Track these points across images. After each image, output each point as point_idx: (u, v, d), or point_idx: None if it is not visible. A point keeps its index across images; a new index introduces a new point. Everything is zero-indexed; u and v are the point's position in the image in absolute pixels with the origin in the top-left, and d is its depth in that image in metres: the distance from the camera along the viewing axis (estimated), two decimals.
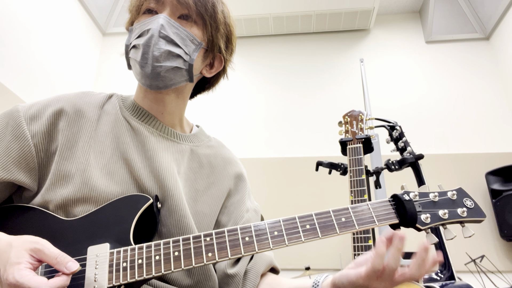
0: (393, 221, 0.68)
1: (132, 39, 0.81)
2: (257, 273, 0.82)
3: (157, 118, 0.86)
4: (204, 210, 0.85)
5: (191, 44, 0.82)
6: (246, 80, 3.54)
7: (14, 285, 0.56)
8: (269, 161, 3.14)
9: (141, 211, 0.70)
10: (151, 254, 0.64)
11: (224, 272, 0.82)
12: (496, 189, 2.65)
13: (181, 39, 0.80)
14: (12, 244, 0.61)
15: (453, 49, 3.44)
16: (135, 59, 0.78)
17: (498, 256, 2.59)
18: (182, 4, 0.81)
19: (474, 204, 0.71)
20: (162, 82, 0.80)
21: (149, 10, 0.82)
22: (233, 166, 0.95)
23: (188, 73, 0.83)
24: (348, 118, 1.42)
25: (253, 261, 0.84)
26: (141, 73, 0.79)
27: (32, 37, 2.82)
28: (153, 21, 0.78)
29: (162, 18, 0.78)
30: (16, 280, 0.56)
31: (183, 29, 0.81)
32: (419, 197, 0.70)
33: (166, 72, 0.79)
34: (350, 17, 3.48)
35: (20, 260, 0.58)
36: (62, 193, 0.71)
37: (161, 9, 0.81)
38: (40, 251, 0.60)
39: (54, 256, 0.60)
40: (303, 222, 0.66)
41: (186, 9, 0.81)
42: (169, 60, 0.79)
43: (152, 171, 0.78)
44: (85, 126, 0.78)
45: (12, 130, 0.74)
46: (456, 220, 0.69)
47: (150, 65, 0.77)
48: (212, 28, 0.84)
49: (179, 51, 0.80)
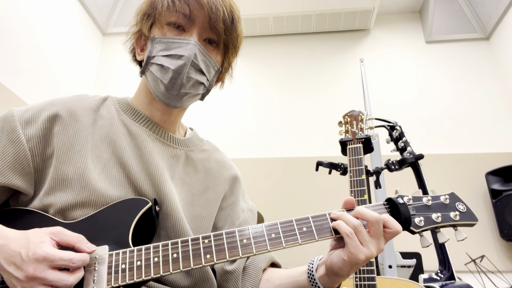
0: None
1: (157, 53, 0.79)
2: (258, 269, 0.83)
3: (157, 124, 0.86)
4: (202, 214, 0.85)
5: (213, 71, 0.84)
6: (246, 80, 3.54)
7: (44, 257, 0.56)
8: (269, 161, 3.13)
9: (140, 214, 0.71)
10: (150, 256, 0.64)
11: (223, 269, 0.83)
12: (496, 189, 2.65)
13: (206, 66, 0.82)
14: (28, 232, 0.62)
15: (453, 49, 3.43)
16: (161, 79, 0.78)
17: (498, 256, 2.59)
18: (213, 28, 0.80)
19: (466, 208, 0.72)
20: (180, 104, 0.83)
21: (177, 25, 0.80)
22: (227, 169, 0.96)
23: (203, 96, 0.87)
24: (348, 118, 1.42)
25: (252, 257, 0.84)
26: (164, 94, 0.80)
27: (32, 37, 2.82)
28: (186, 47, 0.77)
29: (195, 45, 0.77)
30: (46, 252, 0.56)
31: (210, 56, 0.82)
32: (413, 201, 0.72)
33: (188, 97, 0.82)
34: (350, 17, 3.48)
35: (43, 239, 0.59)
36: (61, 197, 0.71)
37: (190, 27, 0.79)
38: (60, 233, 0.62)
39: (76, 235, 0.62)
40: (300, 225, 0.67)
41: (215, 35, 0.81)
42: (194, 88, 0.81)
43: (149, 175, 0.78)
44: (80, 130, 0.78)
45: (7, 135, 0.74)
46: (449, 224, 0.71)
47: (177, 90, 0.78)
48: (232, 54, 0.87)
49: (204, 79, 0.82)
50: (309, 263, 0.73)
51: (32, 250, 0.57)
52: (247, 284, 0.81)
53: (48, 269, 0.56)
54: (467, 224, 0.71)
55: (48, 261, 0.56)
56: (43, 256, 0.56)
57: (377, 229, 0.64)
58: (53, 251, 0.57)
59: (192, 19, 0.79)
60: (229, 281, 0.81)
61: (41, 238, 0.59)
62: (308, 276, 0.71)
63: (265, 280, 0.82)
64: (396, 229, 0.65)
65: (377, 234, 0.64)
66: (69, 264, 0.58)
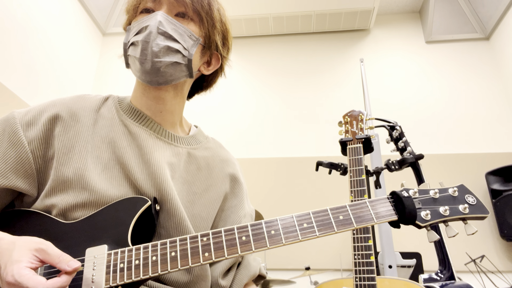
0: (392, 218, 0.67)
1: (130, 37, 0.81)
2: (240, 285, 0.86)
3: (156, 119, 0.86)
4: (201, 214, 0.85)
5: (189, 40, 0.82)
6: (246, 80, 3.54)
7: (13, 284, 0.56)
8: (269, 161, 3.13)
9: (139, 213, 0.70)
10: (148, 255, 0.63)
11: (216, 282, 0.84)
12: (496, 189, 2.65)
13: (179, 34, 0.81)
14: (16, 243, 0.61)
15: (453, 49, 3.43)
16: (134, 56, 0.79)
17: (498, 256, 2.59)
18: (179, 2, 0.82)
19: (476, 200, 0.69)
20: (162, 78, 0.81)
21: (147, 10, 0.82)
22: (229, 166, 0.95)
23: (188, 69, 0.83)
24: (348, 118, 1.42)
25: (238, 273, 0.88)
26: (140, 70, 0.79)
27: (32, 37, 2.82)
28: (151, 18, 0.79)
29: (159, 15, 0.79)
30: (15, 279, 0.56)
31: (181, 25, 0.81)
32: (419, 194, 0.69)
33: (166, 68, 0.79)
34: (350, 17, 3.48)
35: (21, 258, 0.58)
36: (62, 198, 0.71)
37: (158, 7, 0.82)
38: (44, 251, 0.60)
39: (57, 255, 0.61)
40: (301, 221, 0.66)
41: (183, 7, 0.82)
42: (169, 55, 0.79)
43: (150, 174, 0.78)
44: (81, 131, 0.78)
45: (9, 137, 0.74)
46: (457, 217, 0.67)
47: (150, 61, 0.77)
48: (209, 24, 0.85)
49: (178, 46, 0.80)
50: None
51: (6, 272, 0.57)
52: None
53: None
54: (478, 217, 0.68)
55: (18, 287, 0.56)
56: (12, 282, 0.56)
57: None
58: (23, 278, 0.56)
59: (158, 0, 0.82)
60: None
61: (20, 257, 0.58)
62: None
63: None
64: None
65: None
66: None
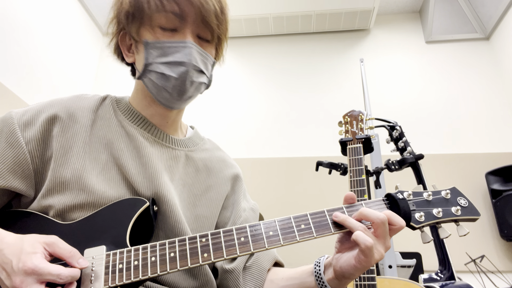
0: None
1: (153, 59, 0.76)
2: (262, 269, 0.82)
3: (154, 121, 0.86)
4: (205, 214, 0.85)
5: (210, 67, 0.83)
6: (246, 80, 3.54)
7: (32, 270, 0.56)
8: (269, 161, 3.13)
9: (137, 214, 0.70)
10: (147, 256, 0.63)
11: (222, 268, 0.83)
12: (496, 189, 2.64)
13: (205, 64, 0.80)
14: (23, 238, 0.61)
15: (453, 49, 3.43)
16: (164, 88, 0.77)
17: (498, 256, 2.58)
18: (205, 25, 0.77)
19: (468, 202, 0.71)
20: (184, 105, 0.84)
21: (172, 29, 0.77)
22: (229, 168, 0.95)
23: (205, 89, 0.86)
24: (348, 118, 1.42)
25: (254, 257, 0.84)
26: (168, 100, 0.80)
27: (32, 37, 2.82)
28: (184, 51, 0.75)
29: (192, 48, 0.76)
30: (35, 265, 0.56)
31: (206, 54, 0.80)
32: (413, 196, 0.71)
33: (192, 98, 0.83)
34: (350, 17, 3.48)
35: (36, 250, 0.59)
36: (60, 199, 0.71)
37: (182, 26, 0.76)
38: (55, 244, 0.61)
39: (69, 250, 0.61)
40: (298, 222, 0.66)
41: (209, 32, 0.79)
42: (198, 89, 0.82)
43: (147, 177, 0.77)
44: (79, 132, 0.78)
45: (6, 138, 0.73)
46: (450, 219, 0.69)
47: (182, 96, 0.79)
48: (223, 44, 0.86)
49: (204, 78, 0.81)
50: (315, 264, 0.72)
51: (23, 261, 0.56)
52: (249, 284, 0.80)
53: (35, 283, 0.55)
54: (469, 219, 0.70)
55: (37, 274, 0.56)
56: (31, 268, 0.56)
57: (383, 230, 0.63)
58: (43, 264, 0.57)
59: (184, 17, 0.75)
60: (229, 280, 0.81)
61: (34, 248, 0.59)
62: (316, 279, 0.70)
63: (269, 281, 0.81)
64: (400, 225, 0.64)
65: (383, 234, 0.63)
66: (57, 280, 0.57)
